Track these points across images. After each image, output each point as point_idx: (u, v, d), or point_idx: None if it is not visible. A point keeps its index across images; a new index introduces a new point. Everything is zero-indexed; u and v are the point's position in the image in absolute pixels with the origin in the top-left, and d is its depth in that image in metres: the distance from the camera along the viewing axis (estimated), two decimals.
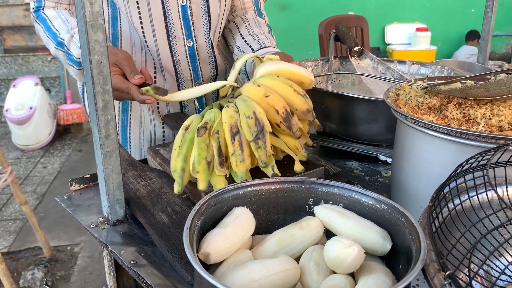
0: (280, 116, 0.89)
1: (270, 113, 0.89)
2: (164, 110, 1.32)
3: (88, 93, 0.80)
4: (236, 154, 0.84)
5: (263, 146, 0.84)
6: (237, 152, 0.84)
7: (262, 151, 0.84)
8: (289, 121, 0.90)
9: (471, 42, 6.49)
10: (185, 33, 1.21)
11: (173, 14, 1.17)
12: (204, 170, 0.84)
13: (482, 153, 0.69)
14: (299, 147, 0.96)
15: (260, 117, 0.86)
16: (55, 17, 1.15)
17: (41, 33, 1.16)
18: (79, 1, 0.74)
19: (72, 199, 1.00)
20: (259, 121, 0.85)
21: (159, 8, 1.15)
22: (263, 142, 0.85)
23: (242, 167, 0.84)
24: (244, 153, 0.84)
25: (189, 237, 0.57)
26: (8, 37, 5.63)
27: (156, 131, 1.33)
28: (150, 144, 1.34)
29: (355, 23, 3.14)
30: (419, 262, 0.51)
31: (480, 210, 0.63)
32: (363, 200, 0.68)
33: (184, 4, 1.18)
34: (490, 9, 1.74)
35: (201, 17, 1.22)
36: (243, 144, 0.85)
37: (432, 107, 0.88)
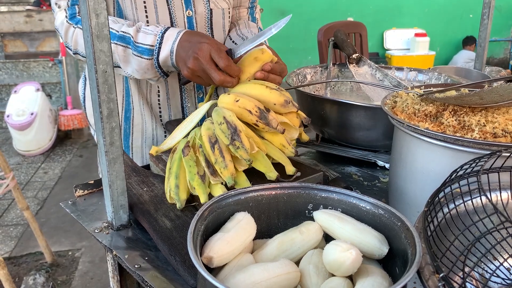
0: (254, 115, 0.92)
1: (244, 115, 0.93)
2: (166, 118, 1.34)
3: (93, 101, 0.83)
4: (219, 162, 0.87)
5: (241, 146, 0.87)
6: (219, 160, 0.87)
7: (242, 151, 0.87)
8: (265, 118, 0.93)
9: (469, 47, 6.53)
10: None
11: (179, 25, 1.21)
12: (199, 184, 0.87)
13: (476, 159, 0.71)
14: (285, 143, 0.97)
15: (230, 120, 0.90)
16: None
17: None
18: (85, 13, 0.77)
19: (76, 204, 1.02)
20: (230, 124, 0.89)
21: (166, 18, 1.18)
22: (239, 142, 0.87)
23: (226, 173, 0.86)
24: (226, 159, 0.87)
25: (192, 241, 0.59)
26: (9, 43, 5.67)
27: (158, 139, 1.36)
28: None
29: (354, 29, 3.17)
30: (414, 264, 0.53)
31: (474, 215, 0.65)
32: (361, 205, 0.70)
33: (190, 15, 1.21)
34: (486, 16, 1.77)
35: (204, 29, 1.25)
36: (223, 151, 0.88)
37: (428, 114, 0.90)
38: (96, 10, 0.77)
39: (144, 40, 1.08)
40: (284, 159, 0.96)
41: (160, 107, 1.32)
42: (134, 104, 1.30)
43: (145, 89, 1.29)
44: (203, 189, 0.86)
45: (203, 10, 1.23)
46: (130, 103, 1.30)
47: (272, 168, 0.92)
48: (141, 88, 1.28)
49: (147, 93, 1.29)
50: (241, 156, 0.86)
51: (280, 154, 0.96)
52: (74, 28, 1.15)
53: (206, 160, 0.88)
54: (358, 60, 1.54)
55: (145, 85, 1.28)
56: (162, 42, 1.07)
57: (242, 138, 0.88)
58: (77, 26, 1.15)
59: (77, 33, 1.15)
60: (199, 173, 0.88)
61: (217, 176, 0.87)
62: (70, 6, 1.16)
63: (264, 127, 0.94)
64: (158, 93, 1.30)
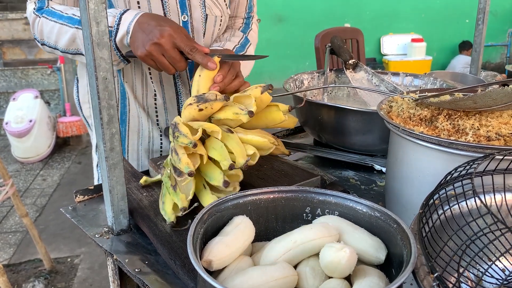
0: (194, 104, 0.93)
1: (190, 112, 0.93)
2: (162, 121, 1.35)
3: (94, 108, 0.84)
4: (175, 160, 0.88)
5: (179, 133, 0.89)
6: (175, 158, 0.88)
7: (181, 137, 0.88)
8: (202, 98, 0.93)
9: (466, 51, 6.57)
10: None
11: None
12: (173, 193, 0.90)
13: (470, 162, 0.73)
14: (238, 110, 0.93)
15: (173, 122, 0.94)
16: (66, 8, 1.14)
17: (49, 25, 1.14)
18: (86, 21, 0.78)
19: (76, 210, 1.03)
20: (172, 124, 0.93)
21: None
22: (177, 131, 0.90)
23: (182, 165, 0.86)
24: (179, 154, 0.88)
25: (192, 244, 0.60)
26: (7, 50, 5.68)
27: (154, 143, 1.37)
28: (148, 155, 1.37)
29: (351, 35, 3.20)
30: (409, 265, 0.54)
31: (469, 216, 0.66)
32: (357, 208, 0.71)
33: (186, 20, 1.22)
34: (481, 21, 1.79)
35: (201, 34, 1.27)
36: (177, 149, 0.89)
37: (423, 118, 0.91)
38: (97, 18, 0.78)
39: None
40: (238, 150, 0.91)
41: (156, 111, 1.33)
42: (130, 107, 1.31)
43: (141, 92, 1.30)
44: (177, 196, 0.89)
45: (199, 15, 1.24)
46: (126, 105, 1.31)
47: (227, 157, 0.89)
48: (137, 91, 1.29)
49: (143, 96, 1.30)
50: (182, 142, 0.87)
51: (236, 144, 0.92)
52: (39, 18, 1.15)
53: (173, 167, 0.90)
54: (355, 65, 1.55)
55: (141, 88, 1.29)
56: (120, 24, 1.06)
57: (180, 127, 0.90)
58: (42, 15, 1.15)
59: (42, 22, 1.15)
60: (171, 184, 0.91)
61: (183, 175, 0.86)
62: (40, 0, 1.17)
63: (206, 106, 0.93)
64: (155, 97, 1.30)
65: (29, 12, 1.18)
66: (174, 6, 1.19)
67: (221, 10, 1.29)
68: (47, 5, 1.16)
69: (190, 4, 1.21)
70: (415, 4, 7.15)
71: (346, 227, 0.68)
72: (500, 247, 0.60)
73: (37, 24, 1.16)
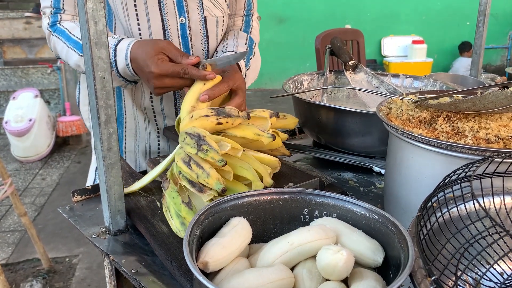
0: (212, 116, 0.91)
1: (204, 123, 0.91)
2: (160, 122, 1.35)
3: (91, 107, 0.84)
4: (200, 174, 0.83)
5: (209, 148, 0.84)
6: (199, 173, 0.83)
7: (211, 152, 0.83)
8: (223, 112, 0.92)
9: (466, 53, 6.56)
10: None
11: (172, 32, 1.21)
12: (187, 212, 0.83)
13: (469, 165, 0.72)
14: (259, 132, 0.93)
15: (191, 131, 0.88)
16: (74, 27, 1.15)
17: (60, 45, 1.16)
18: (84, 20, 0.78)
19: (74, 209, 1.03)
20: (192, 134, 0.87)
21: (158, 25, 1.19)
22: (206, 145, 0.84)
23: (211, 180, 0.82)
24: (205, 168, 0.83)
25: (188, 245, 0.59)
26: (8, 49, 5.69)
27: (151, 144, 1.36)
28: (146, 156, 1.36)
29: (351, 37, 3.20)
30: (407, 268, 0.54)
31: (467, 219, 0.66)
32: (355, 210, 0.71)
33: (183, 22, 1.21)
34: (481, 23, 1.79)
35: (200, 36, 1.26)
36: (200, 163, 0.84)
37: (422, 120, 0.91)
38: (95, 17, 0.78)
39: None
40: (263, 170, 0.92)
41: (154, 111, 1.33)
42: (126, 108, 1.31)
43: (139, 94, 1.29)
44: (191, 215, 0.82)
45: (197, 17, 1.23)
46: (122, 107, 1.30)
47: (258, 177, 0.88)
48: (135, 93, 1.29)
49: (141, 98, 1.30)
50: (212, 158, 0.83)
51: (259, 164, 0.92)
52: (52, 35, 1.18)
53: (189, 181, 0.85)
54: (355, 67, 1.55)
55: (139, 90, 1.29)
56: (116, 55, 1.08)
57: (208, 141, 0.85)
58: (54, 34, 1.17)
59: (54, 40, 1.18)
60: (184, 201, 0.84)
61: (206, 191, 0.83)
62: (53, 14, 1.18)
63: (228, 121, 0.91)
64: (151, 99, 1.30)
65: (44, 26, 1.21)
66: (172, 8, 1.19)
67: (222, 11, 1.28)
68: (59, 19, 1.18)
69: (187, 6, 1.21)
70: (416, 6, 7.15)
71: (344, 229, 0.68)
72: (498, 251, 0.60)
73: (51, 41, 1.20)
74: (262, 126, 0.99)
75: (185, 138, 0.88)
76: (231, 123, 0.93)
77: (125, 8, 1.15)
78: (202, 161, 0.85)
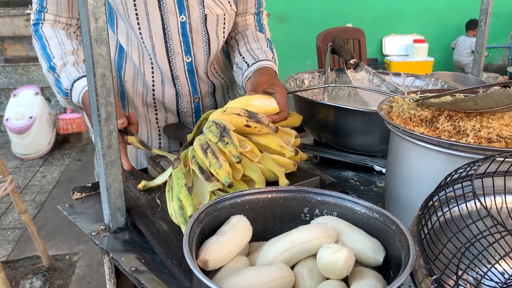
0: (243, 116, 0.93)
1: (234, 120, 0.93)
2: (162, 120, 1.35)
3: (92, 104, 0.83)
4: (213, 164, 0.84)
5: (230, 141, 0.85)
6: (212, 161, 0.84)
7: (231, 146, 0.85)
8: (255, 117, 0.94)
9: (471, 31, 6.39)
10: (184, 49, 1.24)
11: (172, 30, 1.20)
12: (186, 196, 0.83)
13: (471, 164, 0.72)
14: (283, 144, 0.96)
15: (219, 122, 0.90)
16: (51, 36, 1.17)
17: (37, 49, 1.19)
18: (84, 17, 0.77)
19: (74, 207, 1.03)
20: (219, 124, 0.89)
21: (158, 24, 1.18)
22: (228, 137, 0.86)
23: (222, 172, 0.83)
24: (219, 159, 0.84)
25: (188, 243, 0.59)
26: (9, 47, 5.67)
27: (153, 142, 1.36)
28: (146, 154, 1.36)
29: (352, 35, 3.19)
30: (407, 267, 0.54)
31: (468, 219, 0.65)
32: (356, 208, 0.70)
33: (184, 20, 1.21)
34: (483, 22, 1.78)
35: (201, 34, 1.25)
36: (216, 153, 0.86)
37: (424, 119, 0.91)
38: (95, 14, 0.77)
39: (64, 81, 1.13)
40: (279, 170, 0.93)
41: (156, 109, 1.32)
42: (129, 106, 1.31)
43: (141, 91, 1.29)
44: (189, 201, 0.82)
45: (198, 15, 1.22)
46: (125, 105, 1.31)
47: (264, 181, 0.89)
48: (138, 91, 1.29)
49: (143, 95, 1.30)
50: (230, 151, 0.84)
51: (274, 164, 0.94)
52: (33, 36, 1.20)
53: (199, 167, 0.86)
54: (356, 65, 1.54)
55: (141, 88, 1.28)
56: (72, 89, 1.11)
57: (232, 135, 0.86)
58: (34, 36, 1.19)
59: (33, 42, 1.20)
60: (186, 185, 0.84)
61: (212, 181, 0.84)
62: (37, 12, 1.19)
63: (256, 126, 0.93)
64: (153, 96, 1.30)
65: (31, 20, 1.22)
66: (172, 6, 1.18)
67: (224, 9, 1.26)
68: (42, 19, 1.19)
69: (188, 4, 1.19)
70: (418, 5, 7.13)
71: (344, 228, 0.67)
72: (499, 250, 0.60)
73: (33, 40, 1.21)
74: (287, 140, 1.01)
75: (211, 126, 0.90)
76: (258, 129, 0.94)
77: (125, 7, 1.15)
78: (219, 152, 0.86)
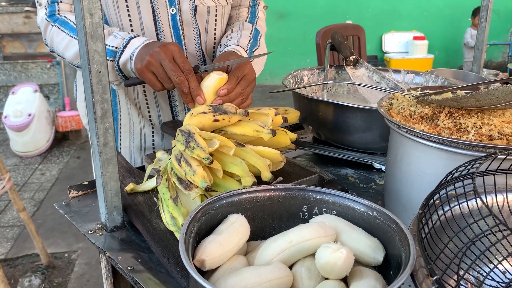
0: (209, 113, 0.92)
1: (203, 120, 0.92)
2: (155, 117, 1.33)
3: (87, 102, 0.82)
4: (187, 171, 0.83)
5: (195, 145, 0.84)
6: (187, 170, 0.83)
7: (198, 150, 0.84)
8: (220, 109, 0.92)
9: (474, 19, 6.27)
10: (175, 42, 1.22)
11: (163, 23, 1.19)
12: (173, 208, 0.83)
13: (472, 162, 0.71)
14: (259, 128, 0.93)
15: (184, 128, 0.88)
16: None
17: (61, 36, 1.13)
18: (79, 12, 0.76)
19: (70, 205, 1.02)
20: (184, 131, 0.88)
21: (149, 17, 1.17)
22: (193, 142, 0.85)
23: (197, 178, 0.82)
24: (192, 165, 0.83)
25: (184, 243, 0.58)
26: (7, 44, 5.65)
27: (146, 140, 1.35)
28: (141, 152, 1.35)
29: (352, 32, 3.18)
30: (408, 267, 0.53)
31: (470, 218, 0.64)
32: (355, 207, 0.69)
33: (174, 13, 1.19)
34: (484, 19, 1.77)
35: (191, 26, 1.23)
36: (189, 160, 0.84)
37: (424, 116, 0.90)
38: (91, 9, 0.76)
39: (112, 42, 1.09)
40: (260, 163, 0.91)
41: (148, 107, 1.31)
42: (121, 104, 1.29)
43: (132, 89, 1.28)
44: (177, 211, 0.82)
45: (188, 7, 1.20)
46: (116, 103, 1.29)
47: (249, 173, 0.87)
48: (128, 88, 1.27)
49: (134, 93, 1.28)
50: (198, 155, 0.83)
51: (256, 158, 0.91)
52: (52, 26, 1.15)
53: (178, 178, 0.85)
54: (355, 62, 1.53)
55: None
56: (127, 46, 1.08)
57: (196, 138, 0.85)
58: (55, 24, 1.14)
59: (53, 31, 1.14)
60: (171, 197, 0.84)
61: (192, 189, 0.83)
62: (50, 4, 1.15)
63: (224, 118, 0.91)
64: (144, 93, 1.29)
65: (40, 18, 1.17)
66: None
67: (215, 0, 1.25)
68: (57, 10, 1.15)
69: None
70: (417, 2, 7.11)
71: (344, 227, 0.66)
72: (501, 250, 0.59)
73: (49, 32, 1.16)
74: (264, 122, 0.97)
75: (178, 135, 0.89)
76: (227, 120, 0.92)
77: (115, 0, 1.14)
78: (191, 159, 0.85)
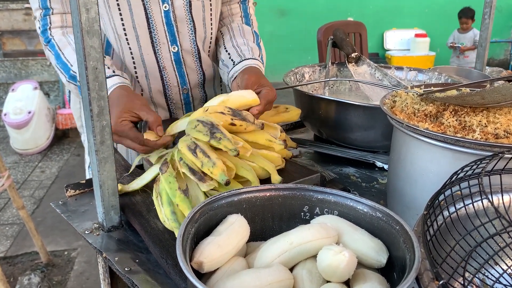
0: (227, 114, 0.90)
1: (219, 118, 0.89)
2: None
3: (84, 99, 0.80)
4: (205, 163, 0.81)
5: (222, 136, 0.82)
6: (204, 161, 0.81)
7: (225, 141, 0.82)
8: (239, 114, 0.91)
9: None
10: (169, 39, 1.20)
11: (156, 20, 1.17)
12: (182, 199, 0.79)
13: (478, 161, 0.69)
14: (271, 138, 0.94)
15: (204, 119, 0.86)
16: (65, 44, 1.12)
17: (52, 60, 1.14)
18: (75, 7, 0.74)
19: (67, 204, 1.00)
20: (205, 122, 0.85)
21: (141, 15, 1.15)
22: (219, 133, 0.83)
23: (216, 170, 0.80)
24: (212, 157, 0.81)
25: (182, 245, 0.56)
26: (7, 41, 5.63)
27: None
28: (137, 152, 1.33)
29: (354, 29, 3.15)
30: (413, 271, 0.51)
31: (476, 219, 0.63)
32: (358, 207, 0.68)
33: (167, 9, 1.17)
34: (487, 15, 1.74)
35: (186, 22, 1.21)
36: (207, 151, 0.82)
37: (428, 114, 0.88)
38: (86, 4, 0.74)
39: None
40: (270, 166, 0.90)
41: None
42: None
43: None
44: (187, 204, 0.79)
45: (181, 2, 1.18)
46: None
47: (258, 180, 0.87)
48: None
49: None
50: (225, 147, 0.81)
51: (265, 161, 0.91)
52: (45, 47, 1.15)
53: (190, 169, 0.82)
54: (357, 59, 1.51)
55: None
56: None
57: (222, 129, 0.84)
58: (47, 47, 1.14)
59: (48, 54, 1.15)
60: (180, 188, 0.80)
61: (206, 181, 0.81)
62: (42, 17, 1.14)
63: (241, 124, 0.90)
64: (142, 92, 1.27)
65: (37, 30, 1.17)
66: None
67: None
68: (49, 24, 1.14)
69: None
70: None
71: (346, 227, 0.65)
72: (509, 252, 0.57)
73: (45, 51, 1.16)
74: (274, 134, 0.99)
75: (197, 126, 0.86)
76: (244, 127, 0.92)
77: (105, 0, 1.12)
78: (210, 150, 0.83)
